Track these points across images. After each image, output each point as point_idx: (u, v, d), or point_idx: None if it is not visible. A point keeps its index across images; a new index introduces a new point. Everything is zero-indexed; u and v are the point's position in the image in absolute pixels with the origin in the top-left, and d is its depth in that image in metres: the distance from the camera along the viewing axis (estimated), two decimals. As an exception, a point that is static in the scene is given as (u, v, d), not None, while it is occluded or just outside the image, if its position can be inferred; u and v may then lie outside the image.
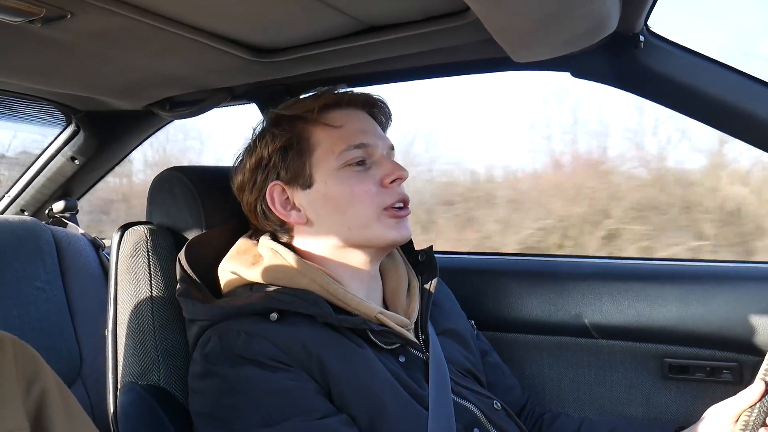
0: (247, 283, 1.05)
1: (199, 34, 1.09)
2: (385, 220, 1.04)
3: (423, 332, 1.09)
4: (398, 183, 1.06)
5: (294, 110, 1.08)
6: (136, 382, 1.06)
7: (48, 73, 1.33)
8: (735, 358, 1.34)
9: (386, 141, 1.10)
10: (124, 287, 1.12)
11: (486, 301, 1.52)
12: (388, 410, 0.94)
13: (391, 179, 1.05)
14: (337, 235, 1.05)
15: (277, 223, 1.08)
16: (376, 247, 1.07)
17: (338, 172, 1.04)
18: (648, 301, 1.39)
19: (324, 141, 1.05)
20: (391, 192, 1.05)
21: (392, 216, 1.04)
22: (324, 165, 1.04)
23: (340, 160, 1.04)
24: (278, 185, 1.06)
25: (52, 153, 1.91)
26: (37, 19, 0.94)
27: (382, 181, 1.05)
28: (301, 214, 1.06)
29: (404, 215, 1.06)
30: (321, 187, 1.05)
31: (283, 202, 1.07)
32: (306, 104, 1.08)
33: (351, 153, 1.04)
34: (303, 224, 1.07)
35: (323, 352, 0.94)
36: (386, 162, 1.07)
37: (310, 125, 1.06)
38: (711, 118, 1.22)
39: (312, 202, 1.05)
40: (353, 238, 1.05)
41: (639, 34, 1.17)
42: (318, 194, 1.05)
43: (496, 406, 1.09)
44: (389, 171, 1.05)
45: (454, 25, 1.06)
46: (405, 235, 1.07)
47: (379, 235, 1.04)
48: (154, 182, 1.21)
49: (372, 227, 1.04)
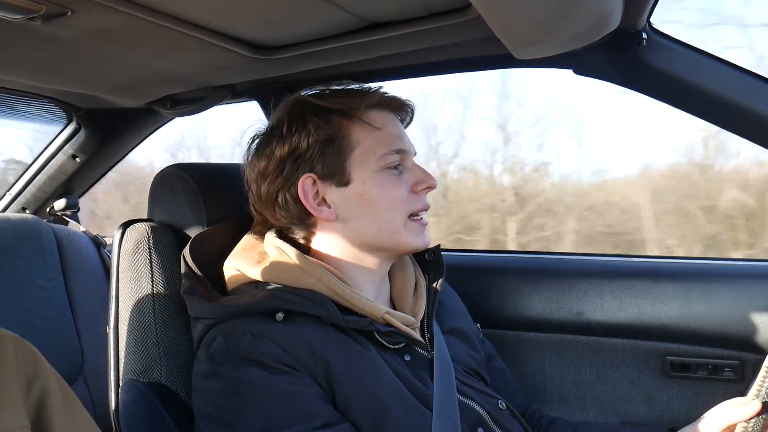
0: (252, 281, 1.04)
1: (200, 32, 1.09)
2: (411, 226, 1.05)
3: (428, 331, 1.08)
4: (427, 191, 1.07)
5: (338, 104, 1.05)
6: (137, 379, 1.06)
7: (49, 71, 1.33)
8: (737, 356, 1.34)
9: (413, 147, 1.10)
10: (125, 285, 1.12)
11: (488, 298, 1.52)
12: (392, 413, 0.94)
13: (423, 187, 1.06)
14: (365, 235, 1.04)
15: (297, 217, 1.05)
16: (398, 251, 1.07)
17: (377, 174, 1.03)
18: (650, 299, 1.39)
19: (364, 141, 1.04)
20: (418, 199, 1.06)
21: (418, 224, 1.06)
22: (363, 165, 1.03)
23: (381, 162, 1.03)
24: (311, 178, 1.03)
25: (53, 151, 1.91)
26: (38, 16, 0.94)
27: (413, 188, 1.06)
28: (332, 210, 1.04)
29: (426, 224, 1.08)
30: (358, 187, 1.03)
31: (313, 195, 1.04)
32: (351, 100, 1.05)
33: (391, 157, 1.04)
34: (332, 221, 1.05)
35: (328, 353, 0.94)
36: (418, 169, 1.07)
37: (353, 122, 1.04)
38: (713, 115, 1.22)
39: (345, 200, 1.04)
40: (380, 240, 1.04)
41: (641, 32, 1.17)
42: (354, 193, 1.03)
43: (500, 405, 1.08)
44: (421, 179, 1.06)
45: (456, 22, 1.06)
46: (427, 242, 1.08)
47: (405, 240, 1.05)
48: (155, 179, 1.21)
49: (400, 232, 1.04)
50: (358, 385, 0.94)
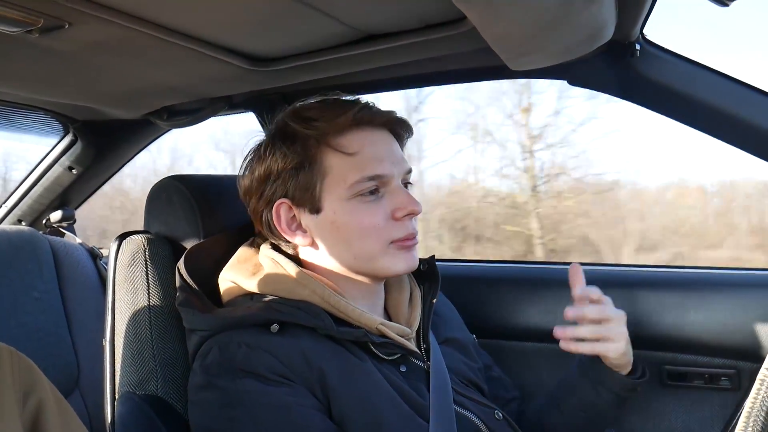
0: (247, 293, 1.04)
1: (196, 44, 1.09)
2: (391, 252, 1.01)
3: (424, 341, 1.08)
4: (410, 218, 1.02)
5: (310, 129, 1.01)
6: (133, 392, 1.06)
7: (46, 83, 1.33)
8: (733, 365, 1.34)
9: (403, 166, 1.04)
10: (121, 296, 1.12)
11: (485, 309, 1.52)
12: (388, 424, 0.93)
13: (403, 214, 1.01)
14: (342, 262, 1.03)
15: (281, 238, 1.06)
16: (378, 276, 1.05)
17: (348, 202, 1.00)
18: (647, 309, 1.39)
19: (336, 168, 1.00)
20: (400, 227, 1.01)
21: (399, 248, 1.02)
22: (334, 193, 1.00)
23: (352, 190, 0.99)
24: (285, 203, 1.03)
25: (49, 163, 1.91)
26: (35, 29, 0.94)
27: (393, 214, 1.01)
28: (307, 235, 1.04)
29: (411, 245, 1.03)
30: (329, 215, 1.01)
31: (288, 220, 1.04)
32: (322, 125, 1.01)
33: (364, 184, 0.99)
34: (308, 245, 1.05)
35: (324, 364, 0.93)
36: (400, 194, 1.02)
37: (324, 147, 1.01)
38: (706, 126, 1.23)
39: (318, 227, 1.02)
40: (357, 266, 1.03)
41: (635, 43, 1.18)
42: (325, 221, 1.01)
43: (497, 415, 1.08)
44: (402, 205, 1.01)
45: (451, 34, 1.07)
46: (411, 265, 1.04)
47: (385, 267, 1.02)
48: (151, 191, 1.21)
49: (377, 260, 1.01)
50: (353, 397, 0.93)
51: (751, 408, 0.88)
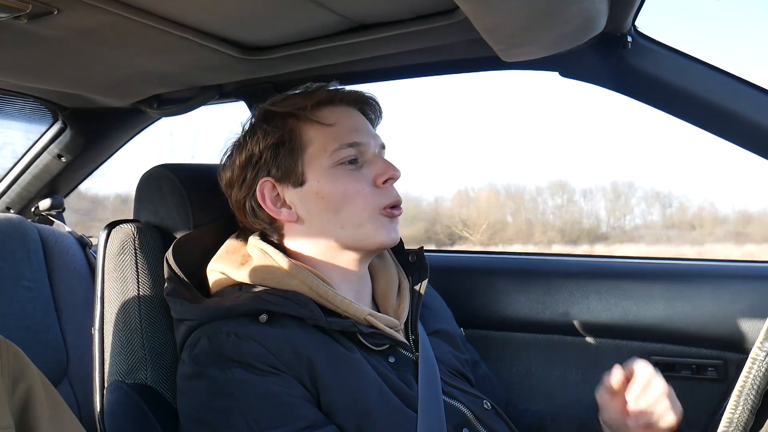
0: (235, 283, 1.04)
1: (187, 32, 1.08)
2: (378, 219, 1.04)
3: (413, 333, 1.08)
4: (391, 183, 1.05)
5: (286, 107, 1.06)
6: (123, 380, 1.06)
7: (34, 70, 1.32)
8: (720, 355, 1.35)
9: (378, 139, 1.08)
10: (111, 285, 1.11)
11: (474, 299, 1.52)
12: (376, 414, 0.94)
13: (384, 179, 1.04)
14: (329, 233, 1.04)
15: (266, 221, 1.07)
16: (365, 249, 1.06)
17: (331, 171, 1.03)
18: (634, 300, 1.40)
19: (316, 139, 1.04)
20: (386, 193, 1.04)
21: (386, 215, 1.04)
22: (316, 163, 1.03)
23: (333, 158, 1.03)
24: (269, 182, 1.05)
25: (38, 150, 1.89)
26: (23, 15, 0.93)
27: (375, 181, 1.04)
28: (292, 211, 1.05)
29: (397, 214, 1.06)
30: (313, 185, 1.04)
31: (273, 198, 1.06)
32: (298, 101, 1.06)
33: (343, 151, 1.03)
34: (293, 222, 1.06)
35: (313, 354, 0.94)
36: (379, 161, 1.06)
37: (302, 122, 1.05)
38: (697, 118, 1.23)
39: (303, 199, 1.04)
40: (345, 237, 1.04)
41: (627, 35, 1.18)
42: (310, 192, 1.04)
43: (486, 405, 1.09)
44: (382, 170, 1.04)
45: (443, 24, 1.06)
46: (394, 238, 1.06)
47: (370, 235, 1.04)
48: (141, 180, 1.20)
49: (365, 227, 1.03)
50: (341, 387, 0.94)
51: (742, 387, 0.89)
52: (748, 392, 0.91)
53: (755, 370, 0.88)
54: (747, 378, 0.91)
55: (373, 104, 1.13)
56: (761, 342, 0.89)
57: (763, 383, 0.86)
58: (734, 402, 0.92)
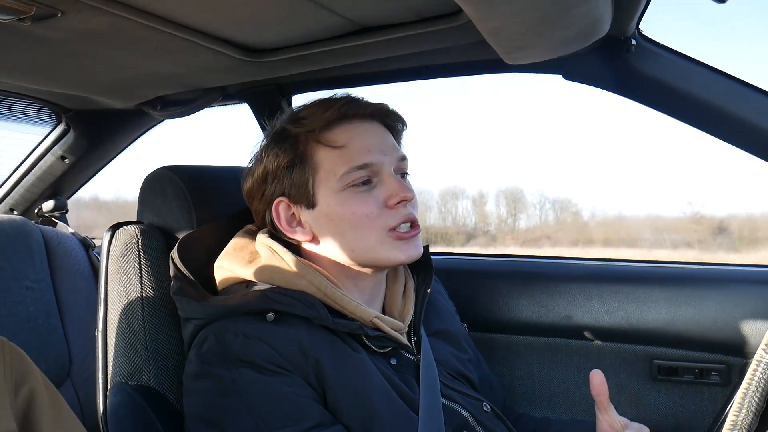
0: (242, 281, 1.04)
1: (190, 34, 1.08)
2: (389, 242, 1.01)
3: (415, 335, 1.08)
4: (403, 205, 1.02)
5: (299, 128, 1.04)
6: (126, 382, 1.06)
7: (38, 72, 1.32)
8: (723, 360, 1.35)
9: (395, 154, 1.05)
10: (114, 287, 1.11)
11: (477, 302, 1.52)
12: (381, 415, 0.94)
13: (395, 201, 1.01)
14: (341, 254, 1.03)
15: (284, 237, 1.07)
16: (379, 267, 1.05)
17: (340, 194, 1.01)
18: (637, 303, 1.40)
19: (326, 161, 1.02)
20: (395, 213, 1.01)
21: (397, 238, 1.01)
22: (326, 186, 1.02)
23: (342, 182, 1.01)
24: (284, 201, 1.05)
25: (41, 152, 1.90)
26: (28, 18, 0.93)
27: (386, 203, 1.01)
28: (307, 230, 1.05)
29: (410, 236, 1.03)
30: (324, 208, 1.02)
31: (288, 218, 1.05)
32: (309, 122, 1.03)
33: (353, 174, 1.00)
34: (309, 241, 1.06)
35: (319, 354, 0.94)
36: (392, 182, 1.02)
37: (313, 144, 1.03)
38: (701, 122, 1.23)
39: (315, 221, 1.04)
40: (357, 258, 1.03)
41: (631, 38, 1.18)
42: (321, 214, 1.03)
43: (485, 408, 1.09)
44: (394, 192, 1.01)
45: (447, 27, 1.07)
46: (412, 255, 1.03)
47: (384, 257, 1.02)
48: (145, 181, 1.20)
49: (375, 250, 1.02)
50: (347, 387, 0.94)
51: (746, 389, 0.89)
52: (752, 394, 0.90)
53: (759, 372, 0.88)
54: (751, 380, 0.90)
55: (391, 115, 1.09)
56: (766, 344, 0.89)
57: None
58: (738, 404, 0.92)
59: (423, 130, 4.02)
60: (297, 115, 1.06)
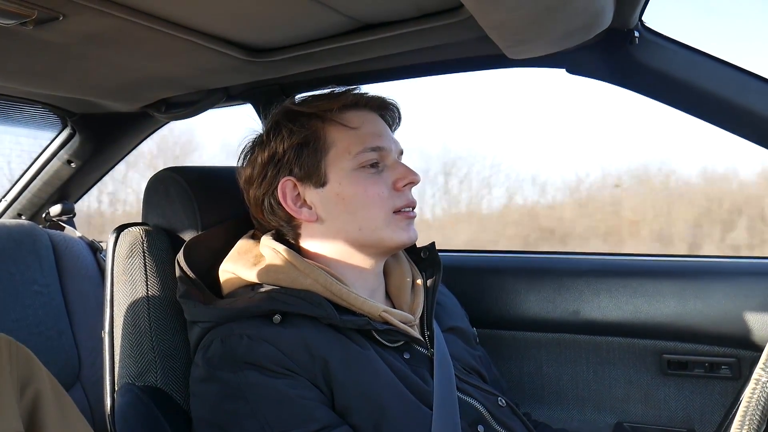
0: (248, 284, 1.04)
1: (193, 35, 1.09)
2: (395, 221, 1.05)
3: (428, 329, 1.08)
4: (410, 187, 1.07)
5: (311, 108, 1.07)
6: (133, 383, 1.06)
7: (42, 76, 1.33)
8: (734, 353, 1.34)
9: (397, 145, 1.10)
10: (120, 289, 1.12)
11: (484, 298, 1.52)
12: (391, 412, 0.94)
13: (404, 183, 1.06)
14: (347, 234, 1.05)
15: (284, 220, 1.08)
16: (384, 248, 1.07)
17: (353, 173, 1.04)
18: (646, 298, 1.39)
19: (340, 141, 1.05)
20: (401, 196, 1.06)
21: (403, 218, 1.06)
22: (339, 165, 1.04)
23: (356, 161, 1.04)
24: (290, 181, 1.06)
25: (48, 156, 1.91)
26: (29, 21, 0.94)
27: (395, 185, 1.06)
28: (312, 211, 1.06)
29: (413, 216, 1.08)
30: (335, 187, 1.05)
31: (294, 198, 1.06)
32: (324, 103, 1.07)
33: (366, 155, 1.04)
34: (313, 222, 1.06)
35: (327, 353, 0.94)
36: (399, 166, 1.07)
37: (327, 124, 1.06)
38: (706, 113, 1.22)
39: (324, 200, 1.05)
40: (363, 238, 1.05)
41: (634, 30, 1.17)
42: (331, 193, 1.05)
43: (500, 402, 1.08)
44: (402, 175, 1.06)
45: (448, 23, 1.06)
46: (413, 237, 1.07)
47: (389, 237, 1.05)
48: (149, 183, 1.21)
49: (382, 229, 1.04)
50: (356, 386, 0.93)
51: (747, 407, 0.88)
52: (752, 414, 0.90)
53: (758, 392, 0.87)
54: (750, 399, 0.89)
55: (393, 110, 1.14)
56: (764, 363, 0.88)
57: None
58: (739, 422, 0.91)
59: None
60: (305, 100, 1.10)
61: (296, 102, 1.10)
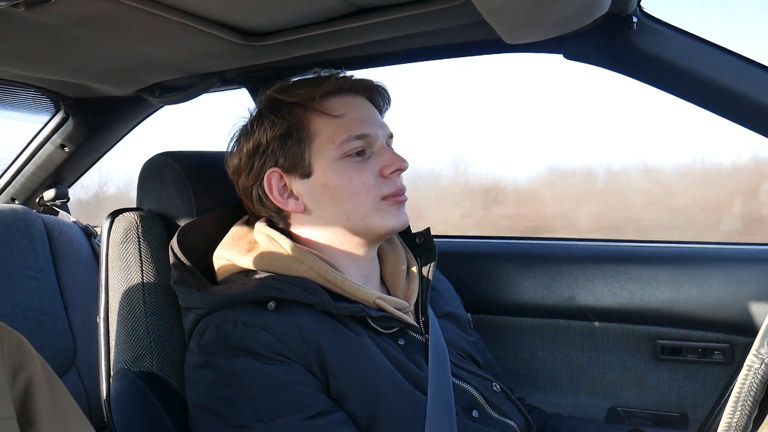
0: (242, 270, 1.04)
1: (187, 18, 1.07)
2: (384, 208, 1.04)
3: (423, 315, 1.09)
4: (398, 174, 1.05)
5: (293, 96, 1.05)
6: (128, 368, 1.06)
7: (34, 59, 1.31)
8: (726, 339, 1.35)
9: (386, 129, 1.08)
10: (115, 274, 1.11)
11: (479, 284, 1.52)
12: (387, 398, 0.94)
13: (391, 170, 1.04)
14: (336, 224, 1.04)
15: (273, 210, 1.07)
16: (375, 234, 1.06)
17: (337, 163, 1.02)
18: (640, 283, 1.39)
19: (324, 130, 1.03)
20: (389, 183, 1.04)
21: (391, 204, 1.04)
22: (323, 155, 1.03)
23: (340, 150, 1.02)
24: (276, 172, 1.05)
25: (41, 141, 1.89)
26: (21, 3, 0.92)
27: (381, 172, 1.04)
28: (299, 202, 1.05)
29: (403, 201, 1.06)
30: (320, 177, 1.03)
31: (280, 189, 1.05)
32: (306, 91, 1.05)
33: (351, 144, 1.02)
34: (300, 212, 1.06)
35: (322, 340, 0.94)
36: (386, 152, 1.05)
37: (310, 113, 1.04)
38: (704, 100, 1.22)
39: (310, 191, 1.04)
40: (352, 226, 1.04)
41: (632, 15, 1.16)
42: (316, 184, 1.04)
43: (495, 388, 1.09)
44: (389, 162, 1.04)
45: (446, 6, 1.05)
46: (404, 221, 1.06)
47: (378, 223, 1.04)
48: (144, 167, 1.20)
49: (371, 217, 1.03)
50: (351, 373, 0.94)
51: (739, 392, 0.89)
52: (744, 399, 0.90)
53: (750, 377, 0.88)
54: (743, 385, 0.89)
55: (382, 92, 1.12)
56: (756, 349, 0.88)
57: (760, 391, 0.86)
58: (732, 407, 0.91)
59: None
60: (289, 87, 1.07)
61: (280, 89, 1.07)
